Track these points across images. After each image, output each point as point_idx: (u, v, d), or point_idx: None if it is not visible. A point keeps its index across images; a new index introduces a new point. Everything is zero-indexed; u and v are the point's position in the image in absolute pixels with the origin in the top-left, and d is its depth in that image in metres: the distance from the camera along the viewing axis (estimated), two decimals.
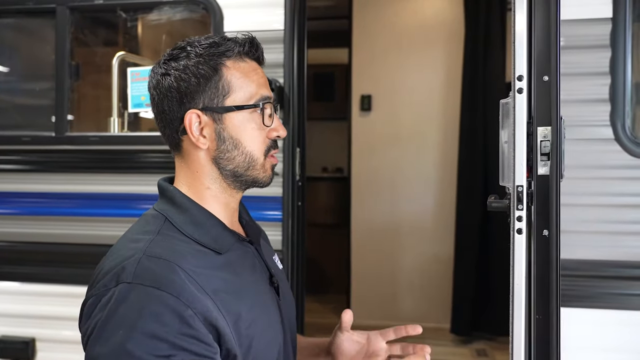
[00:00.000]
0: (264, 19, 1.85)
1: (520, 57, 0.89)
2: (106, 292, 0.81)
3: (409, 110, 3.50)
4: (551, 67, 0.88)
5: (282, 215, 1.82)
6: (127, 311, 0.78)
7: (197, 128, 0.91)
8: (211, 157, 0.93)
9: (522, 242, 0.90)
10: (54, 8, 1.98)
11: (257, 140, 0.93)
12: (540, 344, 0.87)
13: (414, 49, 3.48)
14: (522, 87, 0.88)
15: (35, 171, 2.06)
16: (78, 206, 2.02)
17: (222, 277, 0.87)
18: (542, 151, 0.88)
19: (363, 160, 3.58)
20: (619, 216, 1.53)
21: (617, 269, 1.51)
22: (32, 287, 2.02)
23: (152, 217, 0.91)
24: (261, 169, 0.95)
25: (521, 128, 0.88)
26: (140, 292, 0.79)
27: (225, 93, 0.91)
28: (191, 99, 0.91)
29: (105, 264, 0.86)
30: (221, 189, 0.95)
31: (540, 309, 0.86)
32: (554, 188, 0.88)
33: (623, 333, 1.50)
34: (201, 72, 0.90)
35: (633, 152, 1.53)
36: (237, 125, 0.92)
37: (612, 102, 1.53)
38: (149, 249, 0.84)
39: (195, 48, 0.92)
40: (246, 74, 0.93)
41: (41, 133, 2.05)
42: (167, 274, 0.81)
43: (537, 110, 0.88)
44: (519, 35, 0.87)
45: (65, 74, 1.99)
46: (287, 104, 1.82)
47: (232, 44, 0.93)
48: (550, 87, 0.88)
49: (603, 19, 1.54)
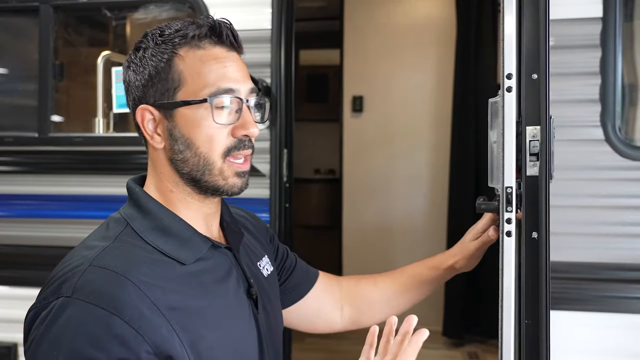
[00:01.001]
0: (251, 17, 1.82)
1: (509, 55, 0.86)
2: (46, 306, 0.73)
3: (400, 111, 3.48)
4: (540, 65, 0.85)
5: (269, 217, 1.79)
6: (62, 331, 0.70)
7: (151, 125, 0.83)
8: (168, 157, 0.84)
9: (511, 244, 0.87)
10: (37, 6, 1.94)
11: (214, 140, 0.82)
12: (530, 349, 0.85)
13: (406, 50, 3.46)
14: (511, 85, 0.86)
15: (18, 173, 2.02)
16: (62, 208, 1.99)
17: (183, 293, 0.78)
18: (531, 151, 0.85)
19: (355, 162, 3.56)
20: (609, 218, 1.51)
21: (608, 272, 1.50)
22: (14, 291, 1.98)
23: (114, 222, 0.84)
24: (219, 175, 0.83)
25: (510, 127, 0.86)
26: (77, 308, 0.70)
27: (176, 86, 0.81)
28: (144, 93, 0.83)
29: (55, 272, 0.78)
30: (185, 193, 0.85)
31: (529, 313, 0.84)
32: (544, 189, 0.86)
33: (613, 336, 1.48)
34: (153, 63, 0.82)
35: (624, 153, 1.51)
36: (189, 122, 0.81)
37: (602, 103, 1.52)
38: (98, 258, 0.75)
39: (154, 37, 0.83)
40: (202, 63, 0.81)
41: (24, 134, 2.01)
42: (111, 288, 0.72)
43: (526, 109, 0.85)
44: (507, 33, 0.85)
45: (48, 73, 1.95)
46: (275, 104, 1.79)
47: (189, 28, 0.82)
48: (539, 86, 0.85)
49: (593, 18, 1.53)
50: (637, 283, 1.49)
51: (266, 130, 1.81)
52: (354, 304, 1.13)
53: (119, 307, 0.71)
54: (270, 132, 1.80)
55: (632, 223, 1.50)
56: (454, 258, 1.16)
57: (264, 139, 1.81)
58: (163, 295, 0.75)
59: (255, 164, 1.81)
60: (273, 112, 1.80)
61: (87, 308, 0.70)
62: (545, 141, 0.85)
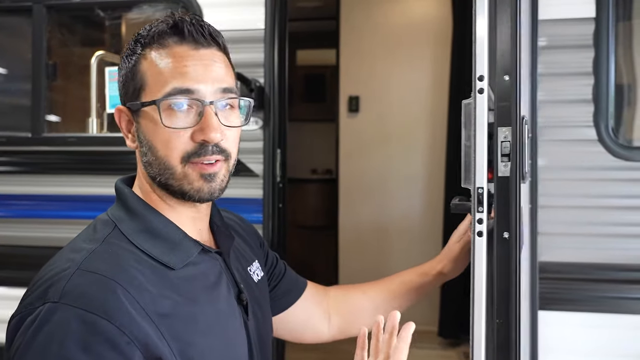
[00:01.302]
0: (244, 17, 1.82)
1: (481, 57, 0.87)
2: (32, 311, 0.70)
3: (397, 111, 3.48)
4: (511, 67, 0.86)
5: (262, 218, 1.79)
6: (49, 338, 0.67)
7: (125, 126, 0.84)
8: (139, 159, 0.84)
9: (482, 244, 0.88)
10: (30, 6, 1.93)
11: (170, 144, 0.78)
12: (501, 349, 0.85)
13: (402, 50, 3.46)
14: (483, 87, 0.86)
15: (11, 173, 2.01)
16: (56, 208, 1.98)
17: (173, 299, 0.76)
18: (502, 152, 0.86)
19: (351, 162, 3.55)
20: (602, 218, 1.51)
21: (600, 272, 1.50)
22: (6, 291, 1.98)
23: (102, 224, 0.81)
24: (184, 179, 0.79)
25: (482, 129, 0.86)
26: (65, 314, 0.68)
27: (139, 86, 0.80)
28: (122, 95, 0.84)
29: (41, 276, 0.75)
30: (163, 195, 0.83)
31: (501, 313, 0.84)
32: (514, 190, 0.86)
33: (605, 336, 1.48)
34: (127, 64, 0.82)
35: (617, 153, 1.51)
36: (148, 124, 0.79)
37: (595, 103, 1.52)
38: (86, 261, 0.73)
39: (133, 37, 0.83)
40: (162, 62, 0.78)
41: (17, 134, 2.01)
42: (100, 293, 0.70)
43: (498, 110, 0.86)
44: (479, 35, 0.86)
45: (42, 73, 1.95)
46: (268, 104, 1.79)
47: (154, 27, 0.80)
48: (510, 87, 0.85)
49: (586, 18, 1.53)
50: (630, 283, 1.48)
51: (259, 130, 1.81)
52: (342, 313, 1.13)
53: (110, 312, 0.69)
54: (264, 132, 1.80)
55: (625, 223, 1.50)
56: (441, 263, 1.16)
57: (258, 139, 1.80)
58: (152, 301, 0.73)
59: (249, 164, 1.81)
60: (266, 112, 1.80)
61: (75, 313, 0.68)
62: (516, 142, 0.85)
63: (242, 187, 1.78)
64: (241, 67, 1.76)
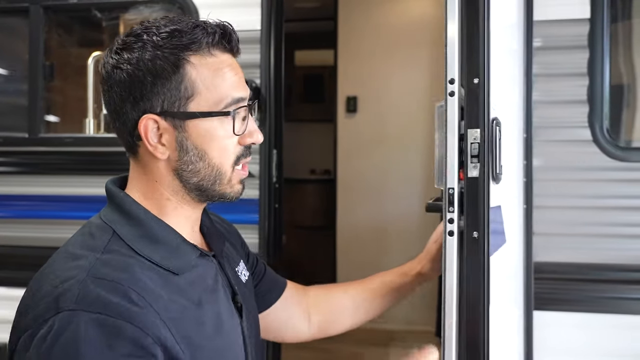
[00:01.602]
0: (241, 18, 1.81)
1: (451, 60, 0.90)
2: (43, 324, 0.67)
3: (395, 111, 3.48)
4: (480, 70, 0.88)
5: (259, 218, 1.79)
6: (69, 347, 0.65)
7: (154, 135, 0.78)
8: (172, 167, 0.80)
9: (453, 244, 0.90)
10: (27, 7, 1.94)
11: (227, 150, 0.80)
12: (470, 348, 0.87)
13: (400, 50, 3.46)
14: (454, 90, 0.89)
15: (8, 173, 2.02)
16: (53, 209, 1.98)
17: (180, 303, 0.76)
18: (472, 153, 0.88)
19: (349, 162, 3.56)
20: (597, 218, 1.52)
21: (596, 272, 1.50)
22: (5, 291, 1.98)
23: (98, 229, 0.78)
24: (228, 184, 0.82)
25: (453, 131, 0.89)
26: (84, 319, 0.66)
27: (189, 96, 0.77)
28: (147, 100, 0.76)
29: (42, 286, 0.72)
30: (184, 201, 0.82)
31: (470, 312, 0.86)
32: (482, 190, 0.88)
33: (600, 336, 1.49)
34: (159, 69, 0.75)
35: (611, 154, 1.52)
36: (202, 134, 0.78)
37: (590, 104, 1.52)
38: (94, 269, 0.71)
39: (152, 36, 0.76)
40: (215, 72, 0.78)
41: (14, 134, 2.01)
42: (117, 298, 0.69)
43: (467, 112, 0.88)
44: (450, 39, 0.89)
45: (38, 74, 1.95)
46: (264, 104, 1.79)
47: (200, 34, 0.77)
48: (479, 90, 0.88)
49: (581, 19, 1.53)
50: (626, 284, 1.49)
51: None
52: (323, 312, 1.12)
53: (130, 315, 0.68)
54: None
55: (620, 223, 1.51)
56: (420, 264, 1.17)
57: None
58: (165, 306, 0.73)
59: None
60: (262, 113, 1.80)
61: (95, 318, 0.66)
62: (484, 143, 0.87)
63: None
64: None
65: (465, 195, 0.89)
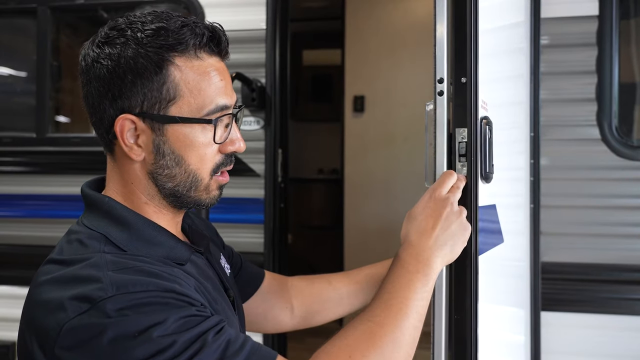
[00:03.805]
0: (246, 17, 1.82)
1: (440, 60, 0.89)
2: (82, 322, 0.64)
3: (402, 111, 3.47)
4: (468, 70, 0.88)
5: (264, 218, 1.79)
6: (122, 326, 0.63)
7: (131, 135, 0.75)
8: (147, 170, 0.77)
9: None
10: (35, 8, 1.95)
11: (206, 158, 0.77)
12: (458, 344, 0.87)
13: (407, 50, 3.45)
14: (443, 89, 0.90)
15: (16, 173, 2.03)
16: (61, 208, 2.00)
17: (202, 291, 0.75)
18: (460, 152, 0.88)
19: (356, 162, 3.55)
20: (605, 218, 1.50)
21: (605, 273, 1.48)
22: (12, 290, 2.00)
23: (88, 238, 0.73)
24: (204, 190, 0.79)
25: (442, 130, 0.89)
26: (126, 300, 0.64)
27: (171, 98, 0.73)
28: (126, 98, 0.73)
29: (50, 297, 0.68)
30: (161, 205, 0.80)
31: (459, 308, 0.86)
32: (471, 189, 0.88)
33: (608, 337, 1.47)
34: (140, 68, 0.72)
35: (620, 152, 1.50)
36: (182, 139, 0.75)
37: (598, 102, 1.50)
38: (111, 262, 0.68)
39: (136, 32, 0.72)
40: (201, 76, 0.74)
41: (22, 134, 2.03)
42: (151, 277, 0.68)
43: (455, 111, 0.89)
44: (439, 38, 0.89)
45: (46, 74, 1.97)
46: (269, 104, 1.79)
47: (187, 34, 0.73)
48: (466, 89, 0.88)
49: (589, 16, 1.51)
50: (636, 284, 1.47)
51: (261, 130, 1.81)
52: (305, 302, 1.11)
53: (170, 287, 0.67)
54: (265, 132, 1.80)
55: (629, 223, 1.49)
56: None
57: (259, 139, 1.81)
58: (186, 283, 0.72)
59: (250, 164, 1.81)
60: (268, 113, 1.80)
61: (137, 296, 0.64)
62: (471, 142, 0.87)
63: (243, 187, 1.78)
64: (243, 67, 1.77)
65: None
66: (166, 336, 0.63)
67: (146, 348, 0.63)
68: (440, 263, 0.83)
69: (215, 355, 0.65)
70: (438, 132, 0.89)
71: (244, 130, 1.97)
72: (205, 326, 0.66)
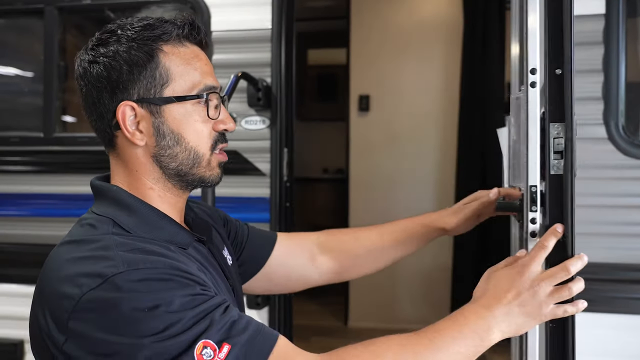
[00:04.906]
0: (252, 17, 1.82)
1: (533, 49, 0.83)
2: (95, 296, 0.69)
3: (407, 110, 3.46)
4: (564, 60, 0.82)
5: (270, 217, 1.79)
6: (129, 298, 0.68)
7: (132, 122, 0.82)
8: (151, 154, 0.83)
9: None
10: (42, 8, 1.97)
11: (202, 135, 0.84)
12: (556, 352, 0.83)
13: (413, 49, 3.44)
14: (535, 80, 0.82)
15: (24, 172, 2.05)
16: (68, 207, 2.01)
17: (199, 268, 0.80)
18: (555, 149, 0.82)
19: (361, 161, 3.55)
20: (612, 217, 1.49)
21: (612, 272, 1.48)
22: (20, 288, 2.01)
23: (98, 222, 0.80)
24: (207, 166, 0.86)
25: (534, 124, 0.82)
26: (136, 275, 0.69)
27: (164, 82, 0.82)
28: (124, 89, 0.81)
29: (64, 278, 0.73)
30: (166, 188, 0.86)
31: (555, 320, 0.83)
32: (569, 188, 0.82)
33: (618, 337, 1.46)
34: (134, 59, 0.80)
35: (627, 151, 1.49)
36: (178, 118, 0.83)
37: (605, 101, 1.50)
38: (119, 244, 0.74)
39: (126, 31, 0.82)
40: (187, 61, 0.83)
41: (29, 134, 2.04)
42: (159, 258, 0.73)
43: (550, 105, 0.82)
44: (531, 28, 0.83)
45: (53, 74, 1.98)
46: (275, 103, 1.79)
47: (170, 27, 0.83)
48: (563, 81, 0.82)
49: (596, 15, 1.51)
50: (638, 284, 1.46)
51: (267, 129, 1.82)
52: (336, 258, 1.12)
53: (176, 265, 0.73)
54: (271, 132, 1.80)
55: (636, 222, 1.48)
56: (443, 219, 1.13)
57: (265, 138, 1.81)
58: (191, 265, 0.78)
59: (256, 163, 1.82)
60: (273, 112, 1.80)
61: (147, 272, 0.70)
62: (570, 138, 0.82)
63: (249, 186, 1.79)
64: (248, 66, 1.78)
65: (547, 194, 0.83)
66: (175, 312, 0.68)
67: (156, 322, 0.68)
68: (499, 336, 0.81)
69: (220, 333, 0.69)
70: (530, 127, 0.82)
71: (249, 130, 1.98)
72: (212, 304, 0.71)
